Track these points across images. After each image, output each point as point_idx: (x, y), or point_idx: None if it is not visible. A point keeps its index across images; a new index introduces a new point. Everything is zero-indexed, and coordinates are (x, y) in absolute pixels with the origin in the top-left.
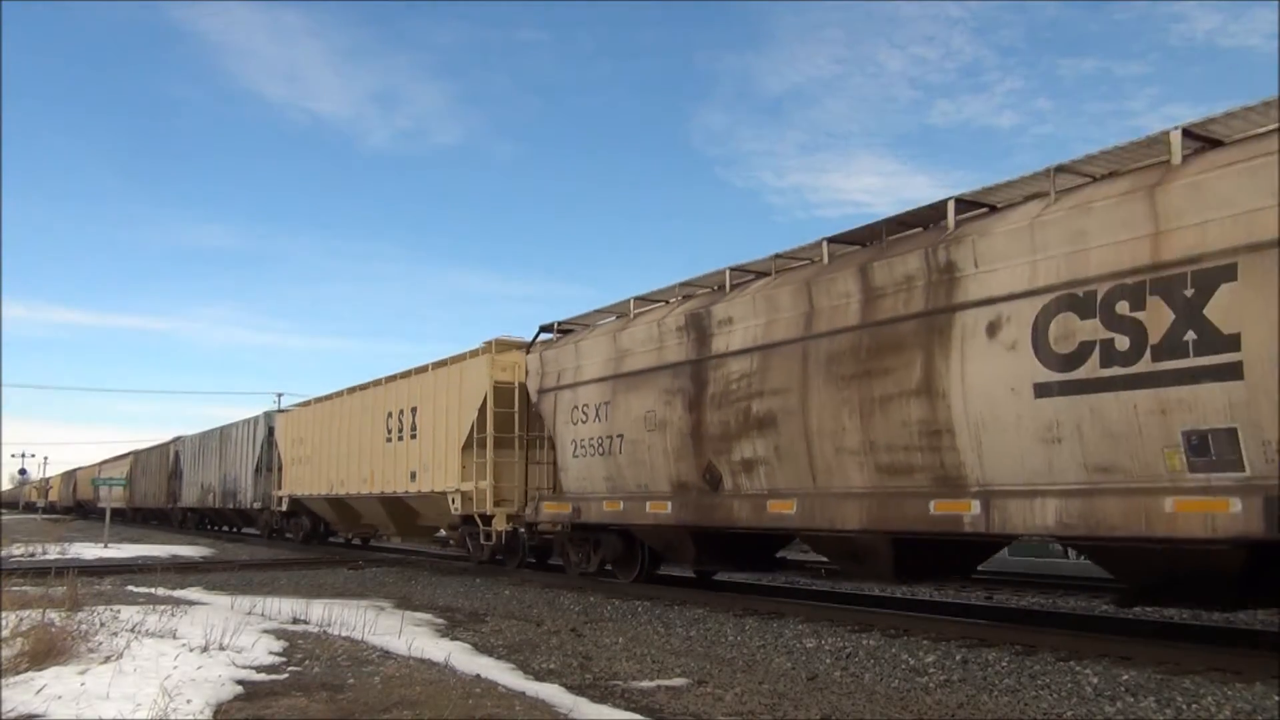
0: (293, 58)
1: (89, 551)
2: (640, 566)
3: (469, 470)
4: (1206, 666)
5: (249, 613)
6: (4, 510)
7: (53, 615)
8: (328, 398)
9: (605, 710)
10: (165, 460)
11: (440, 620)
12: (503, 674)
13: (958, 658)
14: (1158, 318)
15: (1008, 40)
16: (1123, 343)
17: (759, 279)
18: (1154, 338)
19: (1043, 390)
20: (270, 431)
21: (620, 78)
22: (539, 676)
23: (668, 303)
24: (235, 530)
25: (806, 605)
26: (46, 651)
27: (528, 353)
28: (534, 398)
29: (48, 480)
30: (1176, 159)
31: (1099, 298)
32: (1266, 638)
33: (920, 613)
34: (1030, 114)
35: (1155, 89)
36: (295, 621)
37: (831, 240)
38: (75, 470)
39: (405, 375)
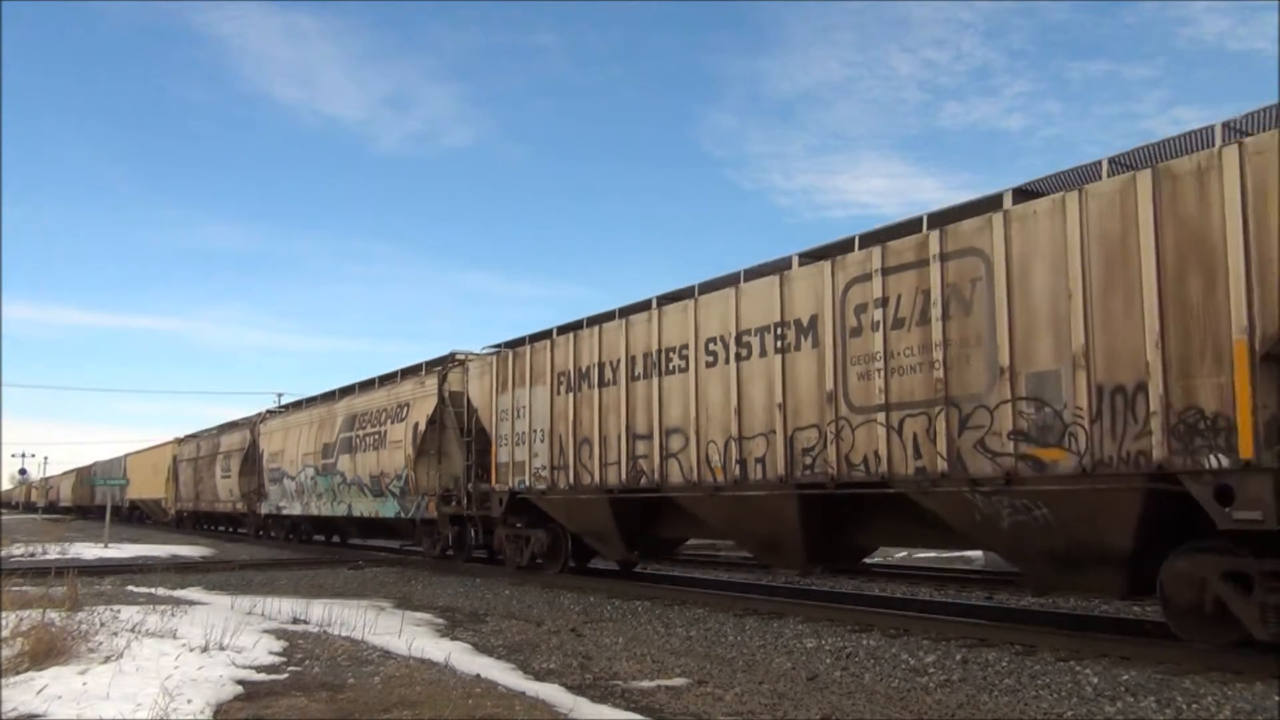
0: (307, 61)
1: (89, 551)
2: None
3: (169, 488)
4: (1206, 666)
5: (249, 613)
6: (2, 510)
7: (53, 615)
8: (143, 450)
9: (605, 710)
10: (90, 474)
11: (440, 620)
12: (503, 674)
13: (958, 658)
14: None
15: (1017, 43)
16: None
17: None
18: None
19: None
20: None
21: (630, 80)
22: (539, 676)
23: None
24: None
25: (807, 605)
26: (47, 651)
27: (178, 444)
28: (180, 463)
29: (33, 485)
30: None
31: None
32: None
33: (920, 613)
34: (1039, 116)
35: (1163, 91)
36: (295, 621)
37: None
38: (48, 477)
39: (157, 446)
